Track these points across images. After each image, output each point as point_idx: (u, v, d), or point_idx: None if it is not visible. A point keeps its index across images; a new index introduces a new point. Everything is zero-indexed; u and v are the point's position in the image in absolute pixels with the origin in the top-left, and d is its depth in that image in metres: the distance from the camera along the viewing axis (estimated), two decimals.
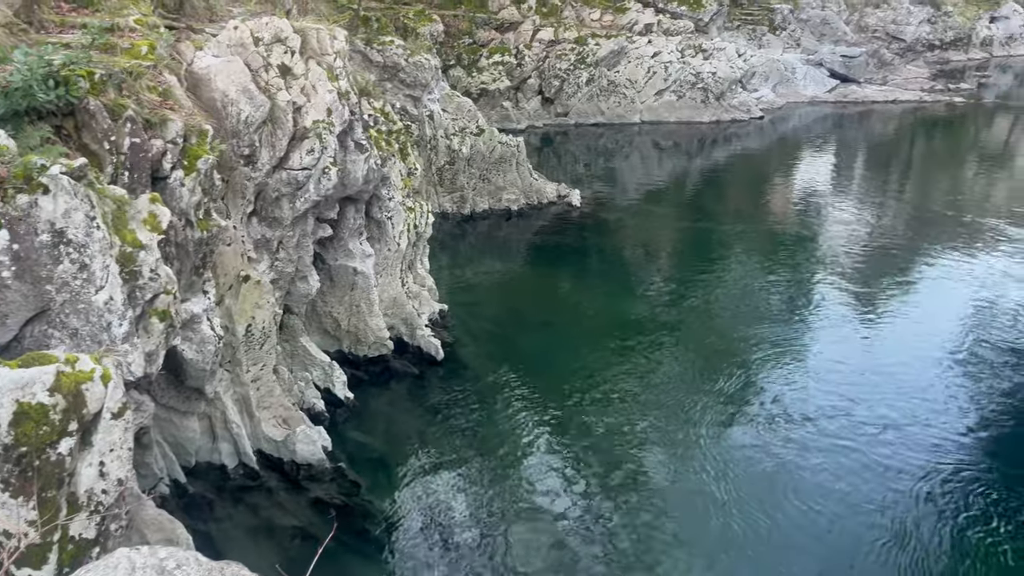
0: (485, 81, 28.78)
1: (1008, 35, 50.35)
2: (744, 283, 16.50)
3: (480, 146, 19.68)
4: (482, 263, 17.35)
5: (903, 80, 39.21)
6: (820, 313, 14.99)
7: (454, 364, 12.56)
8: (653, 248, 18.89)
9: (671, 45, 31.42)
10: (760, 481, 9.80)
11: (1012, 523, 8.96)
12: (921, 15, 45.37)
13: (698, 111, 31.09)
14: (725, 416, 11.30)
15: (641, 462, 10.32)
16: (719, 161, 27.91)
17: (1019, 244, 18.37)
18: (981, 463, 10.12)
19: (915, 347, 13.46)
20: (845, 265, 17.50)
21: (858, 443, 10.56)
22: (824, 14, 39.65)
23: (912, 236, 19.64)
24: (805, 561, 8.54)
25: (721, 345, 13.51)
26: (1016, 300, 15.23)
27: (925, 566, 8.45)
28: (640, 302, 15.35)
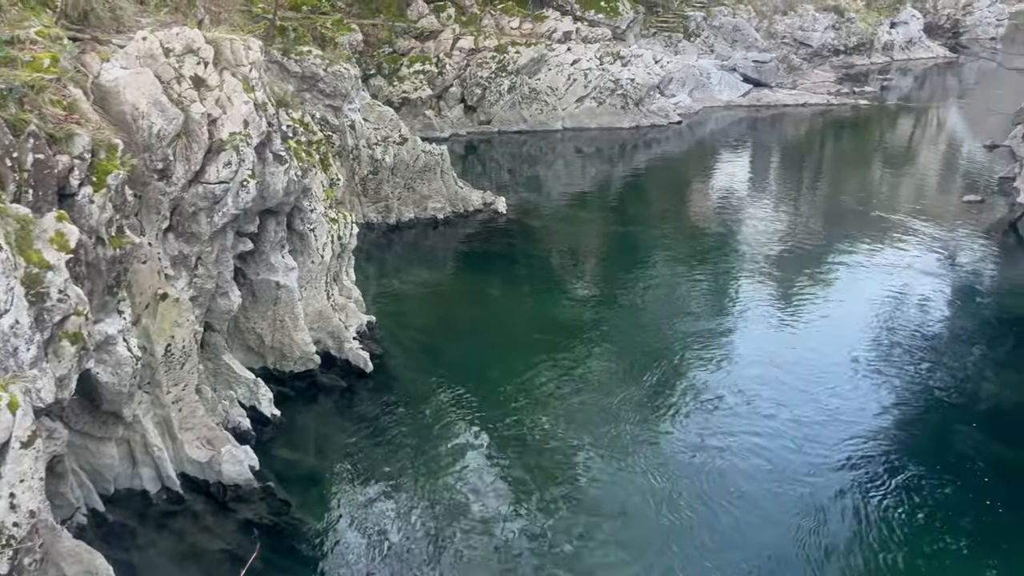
0: (407, 90, 28.65)
1: (907, 40, 52.88)
2: (669, 283, 16.86)
3: (404, 155, 19.58)
4: (409, 272, 17.25)
5: (811, 84, 40.73)
6: (742, 309, 15.44)
7: (384, 376, 12.44)
8: (580, 252, 19.12)
9: (590, 52, 31.89)
10: (692, 475, 10.01)
11: (925, 502, 9.37)
12: (826, 21, 47.25)
13: (618, 117, 31.62)
14: (655, 413, 11.51)
15: (575, 463, 10.42)
16: (641, 165, 28.47)
17: (922, 237, 19.29)
18: (895, 445, 10.57)
19: (831, 338, 13.98)
20: (764, 262, 18.07)
21: (781, 432, 10.89)
22: (736, 21, 40.91)
23: (825, 232, 20.41)
24: (735, 549, 8.75)
25: (649, 344, 13.76)
26: (921, 290, 15.99)
27: (847, 550, 8.76)
28: (569, 305, 15.51)
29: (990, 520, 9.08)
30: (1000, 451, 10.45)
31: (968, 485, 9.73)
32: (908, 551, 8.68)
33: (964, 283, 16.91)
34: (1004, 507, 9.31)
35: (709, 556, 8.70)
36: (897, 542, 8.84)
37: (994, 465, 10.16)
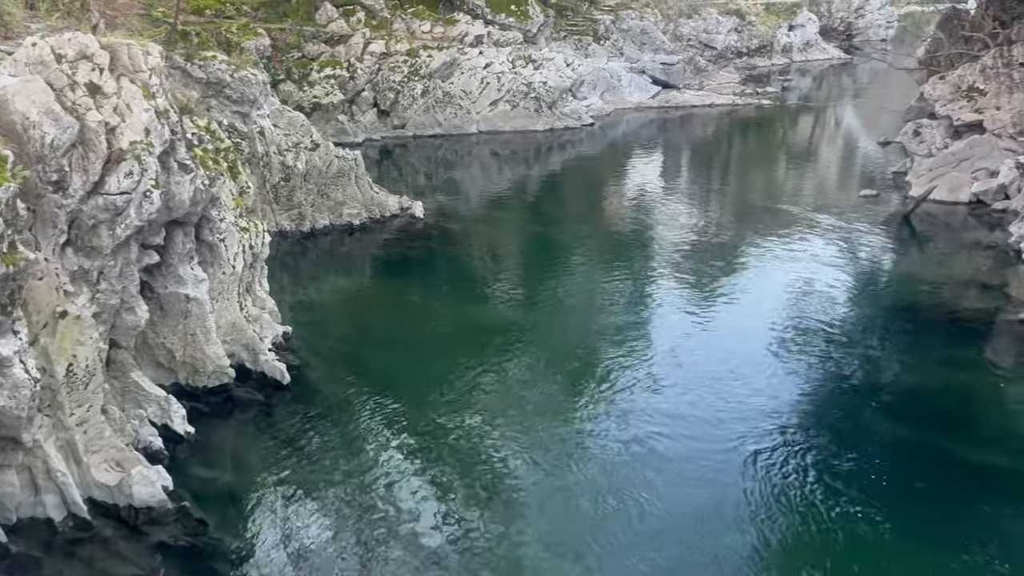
0: (317, 95, 28.18)
1: (805, 42, 55.10)
2: (587, 281, 17.09)
3: (316, 161, 19.23)
4: (326, 281, 16.95)
5: (717, 85, 41.98)
6: (659, 303, 15.79)
7: (302, 387, 12.18)
8: (499, 254, 19.19)
9: (502, 56, 32.06)
10: (612, 468, 10.16)
11: (835, 479, 9.76)
12: (729, 24, 48.82)
13: (532, 120, 31.87)
14: (577, 410, 11.63)
15: (500, 464, 10.43)
16: (556, 167, 28.78)
17: (824, 230, 20.13)
18: (806, 427, 10.97)
19: (744, 328, 14.45)
20: (678, 257, 18.52)
21: (698, 420, 11.17)
22: (643, 24, 41.80)
23: (735, 227, 21.08)
24: (654, 540, 8.91)
25: (570, 342, 13.91)
26: (825, 280, 16.67)
27: (763, 531, 9.05)
28: (490, 307, 15.54)
29: (893, 494, 9.53)
30: (901, 430, 10.98)
31: (873, 461, 10.18)
32: (821, 529, 9.02)
33: (864, 273, 17.73)
34: (903, 480, 9.79)
35: (629, 549, 8.84)
36: (811, 521, 9.17)
37: (896, 443, 10.68)
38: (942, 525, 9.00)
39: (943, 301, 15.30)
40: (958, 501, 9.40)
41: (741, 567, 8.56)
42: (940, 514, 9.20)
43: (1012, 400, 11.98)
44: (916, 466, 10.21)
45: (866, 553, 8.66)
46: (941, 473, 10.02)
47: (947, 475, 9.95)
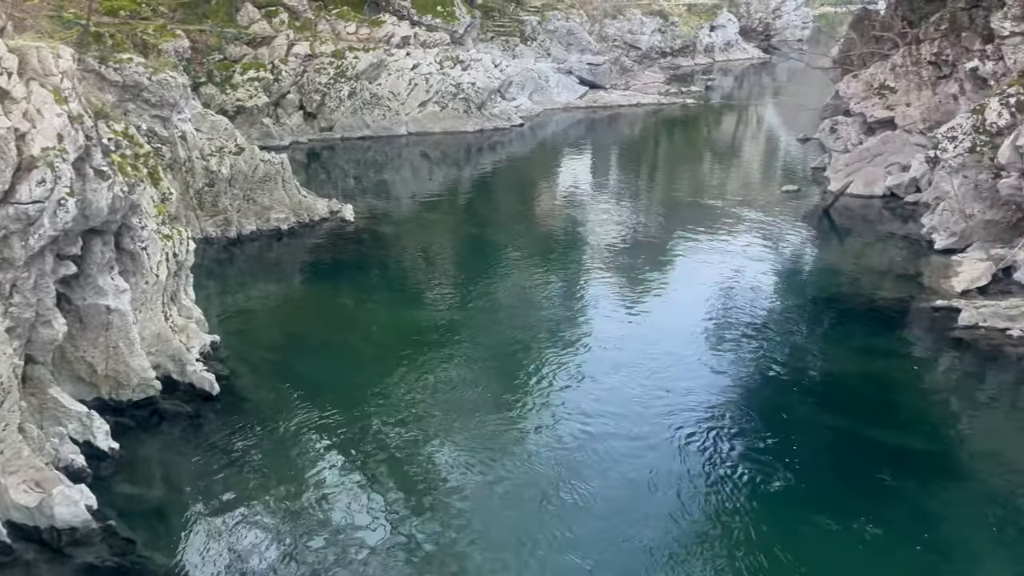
0: (241, 98, 27.56)
1: (726, 42, 56.50)
2: (521, 280, 17.16)
3: (241, 165, 18.80)
4: (254, 287, 16.59)
5: (643, 85, 42.69)
6: (591, 300, 15.97)
7: (232, 397, 11.89)
8: (433, 257, 19.10)
9: (429, 57, 31.93)
10: (549, 465, 10.22)
11: (764, 467, 10.04)
12: (653, 25, 49.70)
13: (462, 121, 31.84)
14: (513, 409, 11.66)
15: (438, 467, 10.38)
16: (487, 168, 28.81)
17: (748, 224, 20.68)
18: (736, 417, 11.24)
19: (674, 322, 14.74)
20: (610, 254, 18.77)
21: (633, 415, 11.32)
22: (569, 25, 42.21)
23: (663, 223, 21.48)
24: (598, 531, 9.01)
25: (505, 342, 13.95)
26: (750, 273, 17.14)
27: (699, 523, 9.24)
28: (424, 310, 15.45)
29: (817, 476, 9.85)
30: (824, 415, 11.37)
31: (798, 446, 10.50)
32: (750, 512, 9.26)
33: (787, 265, 18.29)
34: (826, 463, 10.15)
35: (565, 543, 8.92)
36: (740, 505, 9.41)
37: (819, 427, 11.05)
38: (862, 503, 9.35)
39: (861, 291, 15.89)
40: (876, 480, 9.78)
41: (674, 553, 8.71)
42: (860, 493, 9.56)
43: (926, 384, 12.53)
44: (838, 449, 10.59)
45: (792, 534, 8.93)
46: (860, 454, 10.42)
47: (866, 456, 10.35)
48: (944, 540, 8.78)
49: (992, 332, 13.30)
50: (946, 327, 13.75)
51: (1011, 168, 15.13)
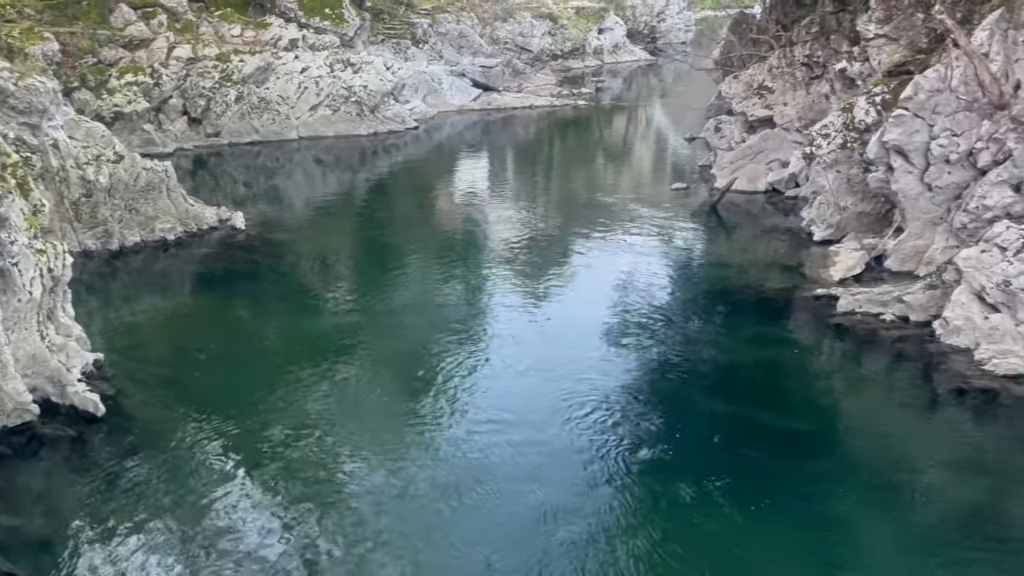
0: (119, 103, 26.26)
1: (614, 44, 57.87)
2: (423, 284, 17.06)
3: (121, 174, 17.91)
4: (140, 302, 15.85)
5: (535, 87, 43.21)
6: (491, 300, 16.04)
7: (120, 418, 11.32)
8: (330, 263, 18.73)
9: (319, 60, 31.32)
10: (457, 468, 10.19)
11: (662, 457, 10.34)
12: (543, 28, 50.40)
13: (355, 124, 31.38)
14: (420, 415, 11.58)
15: (342, 477, 10.19)
16: (383, 171, 28.51)
17: (642, 222, 21.26)
18: (635, 411, 11.53)
19: (575, 319, 15.00)
20: (509, 254, 18.89)
21: (539, 414, 11.43)
22: (460, 28, 42.28)
23: (560, 222, 21.81)
24: (504, 531, 9.06)
25: (408, 346, 13.84)
26: (645, 269, 17.61)
27: (604, 516, 9.43)
28: (323, 318, 15.14)
29: (713, 462, 10.23)
30: (718, 404, 11.82)
31: (694, 435, 10.88)
32: (649, 501, 9.53)
33: (679, 260, 18.90)
34: (722, 450, 10.55)
35: (471, 544, 8.93)
36: (640, 495, 9.66)
37: (714, 416, 11.47)
38: (756, 488, 9.76)
39: (749, 282, 16.58)
40: (768, 464, 10.23)
41: (574, 542, 8.85)
42: (751, 475, 9.98)
43: (810, 368, 13.21)
44: (731, 433, 11.03)
45: (686, 518, 9.22)
46: (752, 438, 10.88)
47: (758, 441, 10.81)
48: (828, 514, 9.27)
49: (867, 317, 14.13)
50: (826, 314, 14.52)
51: (878, 163, 16.12)
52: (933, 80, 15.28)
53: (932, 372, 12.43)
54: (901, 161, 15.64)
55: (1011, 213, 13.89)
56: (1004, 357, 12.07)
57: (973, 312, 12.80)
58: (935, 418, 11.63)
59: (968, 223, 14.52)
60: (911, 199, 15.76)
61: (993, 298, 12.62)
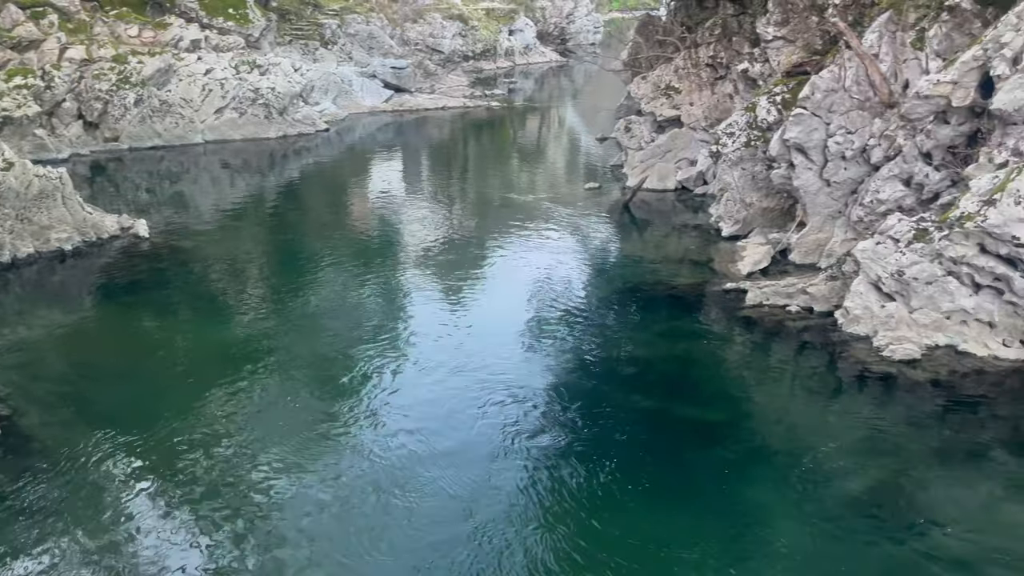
0: (7, 107, 24.91)
1: (525, 46, 58.34)
2: (339, 288, 16.77)
3: (11, 182, 16.98)
4: (37, 316, 15.05)
5: (448, 88, 43.14)
6: (410, 303, 15.92)
7: (17, 439, 10.72)
8: (241, 270, 18.21)
9: (223, 61, 30.46)
10: (381, 474, 10.05)
11: (583, 452, 10.48)
12: (453, 29, 50.35)
13: (263, 127, 30.66)
14: (339, 421, 11.37)
15: (261, 490, 9.90)
16: (295, 175, 27.92)
17: (557, 221, 21.48)
18: (556, 408, 11.63)
19: (493, 318, 15.05)
20: (426, 256, 18.79)
21: (460, 413, 11.40)
22: (370, 29, 41.82)
23: (477, 224, 21.82)
24: (430, 539, 9.00)
25: (325, 352, 13.57)
26: (562, 268, 17.80)
27: (527, 515, 9.48)
28: (235, 327, 14.69)
29: (633, 456, 10.42)
30: (635, 397, 12.02)
31: (614, 429, 11.05)
32: (571, 497, 9.63)
33: (594, 259, 19.17)
34: (641, 443, 10.76)
35: (399, 552, 8.85)
36: (562, 490, 9.75)
37: (633, 409, 11.67)
38: (670, 477, 10.01)
39: (662, 278, 16.96)
40: (682, 454, 10.50)
41: (496, 543, 8.87)
42: (668, 467, 10.22)
43: (721, 360, 13.60)
44: (648, 427, 11.25)
45: (608, 512, 9.36)
46: (668, 431, 11.14)
47: (672, 432, 11.09)
48: (740, 500, 9.56)
49: (774, 309, 14.66)
50: (736, 307, 14.99)
51: (780, 160, 16.75)
52: (828, 80, 15.98)
53: (835, 360, 12.97)
54: (801, 158, 16.29)
55: (902, 206, 14.66)
56: (900, 343, 12.71)
57: (871, 301, 13.43)
58: (838, 404, 12.15)
59: (864, 216, 15.25)
60: (811, 194, 16.44)
61: (888, 287, 13.27)
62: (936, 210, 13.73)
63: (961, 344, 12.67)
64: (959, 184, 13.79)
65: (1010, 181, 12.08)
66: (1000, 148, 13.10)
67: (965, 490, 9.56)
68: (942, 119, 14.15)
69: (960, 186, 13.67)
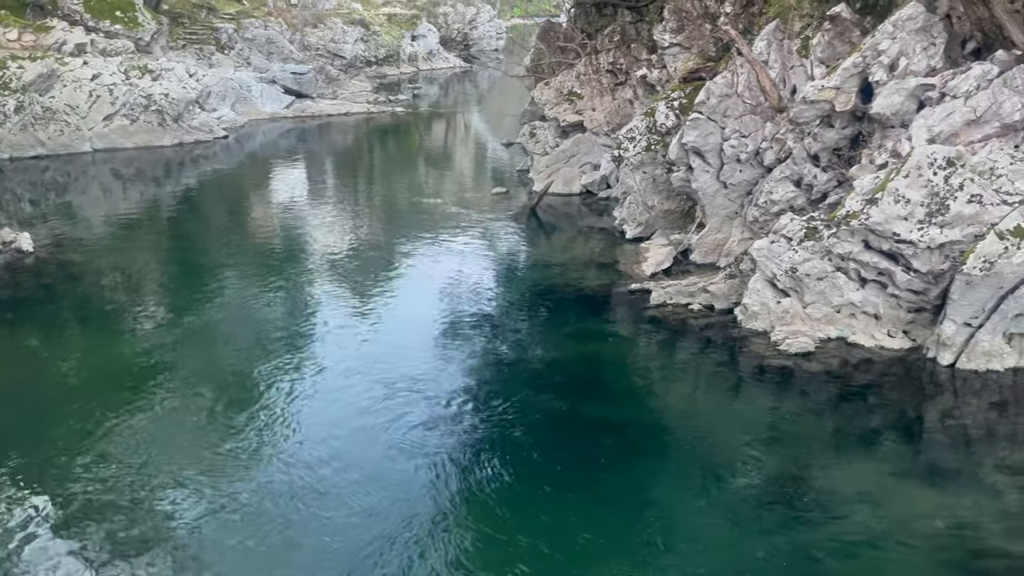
0: None
1: (428, 51, 58.22)
2: (243, 301, 16.27)
3: None
4: None
5: (351, 94, 42.58)
6: (320, 312, 15.58)
7: None
8: (137, 284, 17.44)
9: (112, 66, 29.17)
10: (288, 489, 9.79)
11: (497, 454, 10.50)
12: (355, 34, 49.75)
13: (157, 135, 29.51)
14: (245, 435, 11.02)
15: (163, 514, 9.50)
16: (192, 183, 26.98)
17: (466, 226, 21.51)
18: (471, 412, 11.62)
19: (406, 325, 14.91)
20: (334, 264, 18.46)
21: (375, 422, 11.23)
22: (268, 33, 40.87)
23: (385, 229, 21.60)
24: (342, 550, 8.84)
25: (229, 367, 13.15)
26: (472, 273, 17.82)
27: (442, 523, 9.43)
28: (130, 344, 14.04)
29: (545, 456, 10.51)
30: (546, 399, 12.13)
31: (527, 430, 11.12)
32: (485, 498, 9.64)
33: (504, 263, 19.29)
34: (553, 443, 10.86)
35: (309, 568, 8.66)
36: (477, 492, 9.74)
37: (545, 410, 11.77)
38: (581, 475, 10.13)
39: (570, 281, 17.20)
40: (592, 452, 10.63)
41: (405, 548, 8.79)
42: (578, 466, 10.33)
43: (629, 359, 13.91)
44: (559, 428, 11.36)
45: (519, 514, 9.41)
46: (578, 430, 11.28)
47: (583, 431, 11.23)
48: (650, 496, 9.79)
49: (678, 308, 15.08)
50: (641, 307, 15.34)
51: (679, 163, 17.26)
52: (722, 86, 16.58)
53: (736, 355, 13.45)
54: (699, 161, 16.84)
55: (794, 206, 15.34)
56: (795, 337, 13.29)
57: (767, 298, 14.00)
58: (739, 397, 12.60)
59: (759, 216, 15.88)
60: (709, 196, 17.01)
61: (783, 284, 13.86)
62: (825, 209, 14.42)
63: (851, 336, 13.34)
64: (845, 184, 14.54)
65: (889, 181, 12.81)
66: (880, 150, 13.89)
67: (859, 473, 10.07)
68: (827, 123, 14.89)
69: (846, 186, 14.41)
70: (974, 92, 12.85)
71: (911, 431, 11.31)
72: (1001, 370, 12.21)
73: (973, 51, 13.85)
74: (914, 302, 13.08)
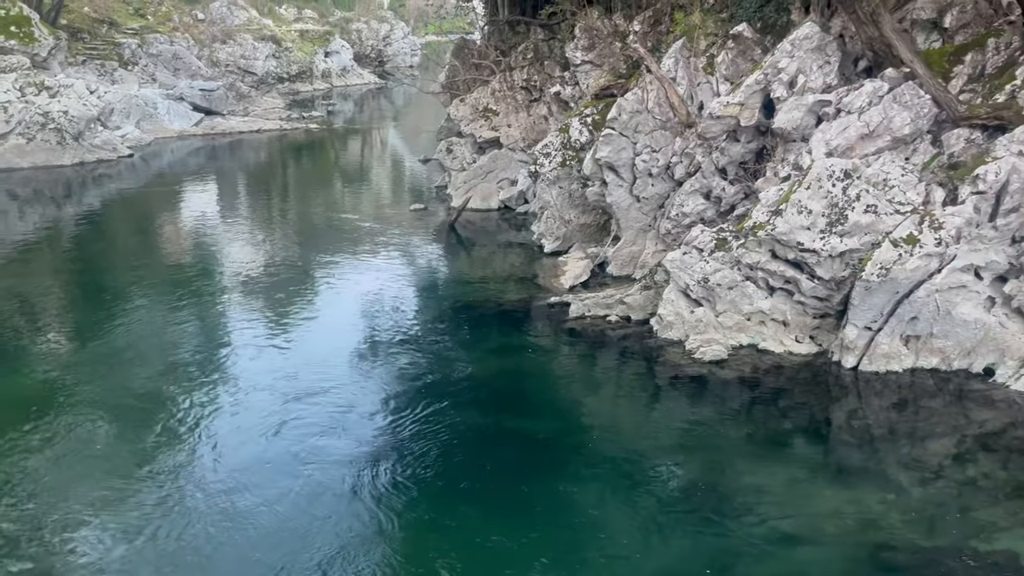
0: None
1: (342, 67, 57.70)
2: (151, 325, 15.68)
3: None
4: None
5: (263, 111, 41.78)
6: (234, 334, 15.15)
7: None
8: (36, 310, 16.61)
9: (6, 83, 27.86)
10: (205, 516, 9.46)
11: (420, 473, 10.42)
12: (266, 50, 48.91)
13: (56, 154, 28.29)
14: (150, 464, 10.59)
15: (61, 543, 9.03)
16: (95, 204, 25.93)
17: (384, 243, 21.34)
18: (392, 431, 11.49)
19: (323, 344, 14.65)
20: (248, 284, 18.01)
21: (291, 448, 10.97)
22: (175, 49, 39.77)
23: (301, 248, 21.20)
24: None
25: (137, 393, 12.62)
26: (390, 290, 17.69)
27: (366, 540, 9.28)
28: (30, 372, 13.35)
29: (470, 473, 10.48)
30: (470, 414, 12.10)
31: (452, 447, 11.07)
32: (403, 518, 9.54)
33: (423, 279, 19.20)
34: (477, 459, 10.84)
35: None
36: (396, 512, 9.63)
37: (469, 427, 11.74)
38: (503, 489, 10.14)
39: (490, 295, 17.26)
40: (514, 466, 10.68)
41: (336, 568, 8.66)
42: (501, 479, 10.35)
43: (549, 372, 14.02)
44: (481, 443, 11.35)
45: (448, 532, 9.38)
46: (501, 444, 11.30)
47: (505, 445, 11.27)
48: (571, 506, 9.87)
49: (596, 319, 15.32)
50: (561, 320, 15.52)
51: (594, 178, 17.59)
52: (632, 102, 17.01)
53: (653, 364, 13.73)
54: (613, 176, 17.20)
55: (704, 218, 15.83)
56: (709, 345, 13.68)
57: (681, 308, 14.37)
58: (657, 406, 12.86)
59: (671, 229, 16.31)
60: (624, 210, 17.38)
61: (696, 294, 14.26)
62: (733, 221, 14.93)
63: (761, 343, 13.82)
64: (751, 196, 15.09)
65: (792, 193, 13.37)
66: (783, 163, 14.49)
67: (771, 475, 10.40)
68: (733, 137, 15.44)
69: (752, 198, 14.96)
70: (867, 107, 13.56)
71: (819, 432, 11.77)
72: (900, 371, 12.85)
73: (865, 69, 14.63)
74: (819, 308, 13.65)
